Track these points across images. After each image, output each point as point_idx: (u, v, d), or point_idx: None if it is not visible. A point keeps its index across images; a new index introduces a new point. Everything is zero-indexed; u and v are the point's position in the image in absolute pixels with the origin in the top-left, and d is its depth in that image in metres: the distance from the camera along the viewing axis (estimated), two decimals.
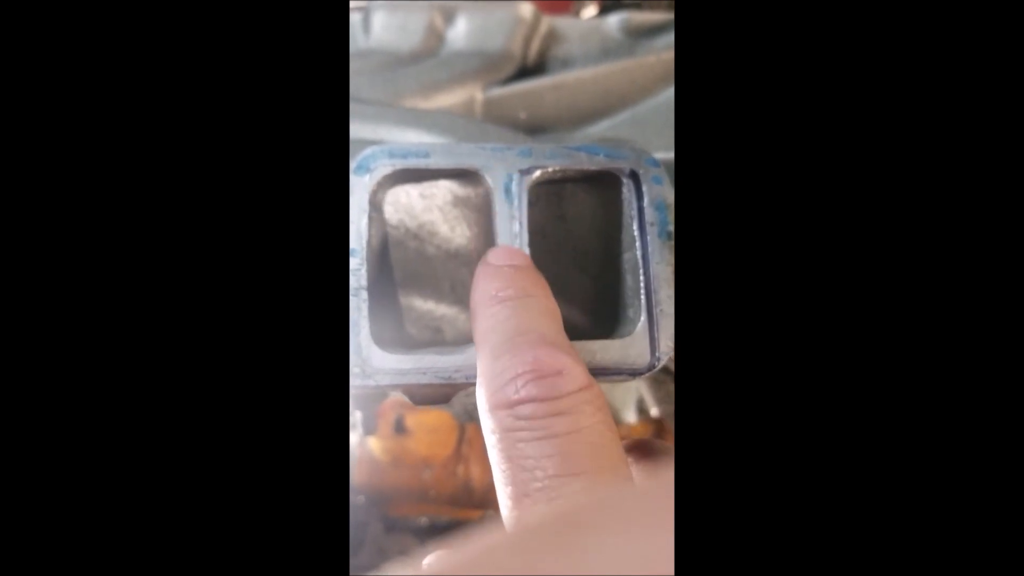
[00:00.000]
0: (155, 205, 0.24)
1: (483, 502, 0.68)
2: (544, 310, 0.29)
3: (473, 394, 0.28)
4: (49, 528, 0.22)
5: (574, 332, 0.33)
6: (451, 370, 0.30)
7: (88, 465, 0.23)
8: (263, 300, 0.25)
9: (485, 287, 0.29)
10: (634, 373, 0.31)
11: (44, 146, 0.24)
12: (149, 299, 0.24)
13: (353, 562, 0.70)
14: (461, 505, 0.69)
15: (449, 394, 0.32)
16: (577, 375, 0.25)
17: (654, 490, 0.19)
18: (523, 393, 0.25)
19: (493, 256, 0.31)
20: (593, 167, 0.33)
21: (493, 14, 0.60)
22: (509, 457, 0.25)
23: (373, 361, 0.30)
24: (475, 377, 0.29)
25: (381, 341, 0.30)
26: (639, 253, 0.32)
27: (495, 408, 0.25)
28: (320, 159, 0.26)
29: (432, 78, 0.53)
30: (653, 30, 0.68)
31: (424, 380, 0.30)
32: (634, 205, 0.32)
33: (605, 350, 0.31)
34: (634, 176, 0.33)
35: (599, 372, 0.31)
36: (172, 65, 0.25)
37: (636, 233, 0.32)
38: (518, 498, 0.24)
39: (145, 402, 0.23)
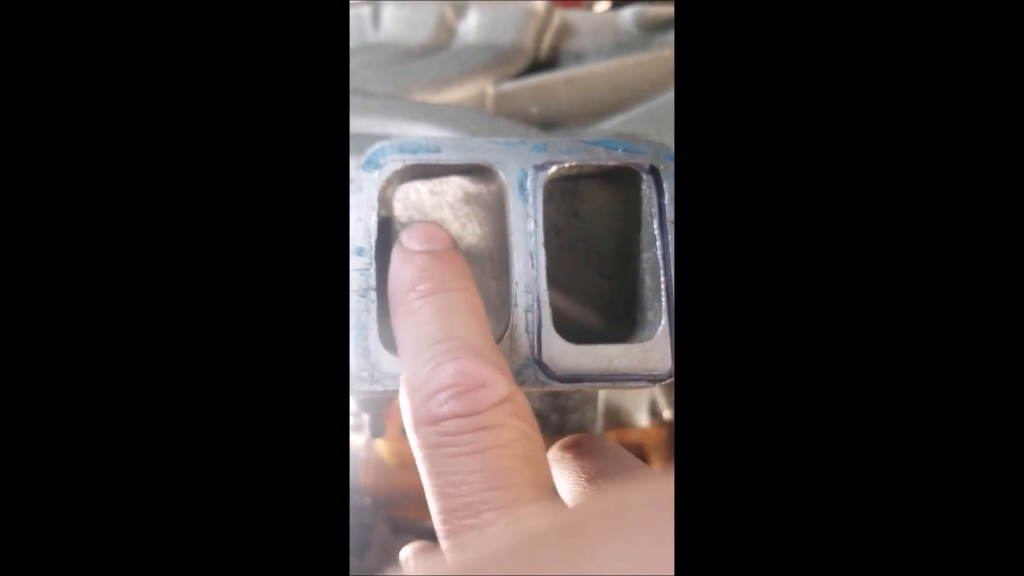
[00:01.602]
0: (155, 204, 0.24)
1: None
2: (467, 308, 0.27)
3: None
4: (51, 530, 0.22)
5: (588, 335, 0.31)
6: None
7: (90, 468, 0.22)
8: (261, 299, 0.24)
9: (402, 276, 0.28)
10: (654, 380, 0.30)
11: (44, 144, 0.23)
12: (149, 300, 0.23)
13: (359, 564, 0.69)
14: None
15: None
16: (500, 386, 0.25)
17: (654, 496, 0.19)
18: (446, 409, 0.24)
19: (410, 238, 0.30)
20: (611, 162, 0.31)
21: (505, 7, 0.58)
22: (437, 472, 0.24)
23: (382, 365, 0.29)
24: None
25: (389, 343, 0.29)
26: (659, 253, 0.31)
27: (419, 424, 0.25)
28: (319, 156, 0.25)
29: (443, 72, 0.52)
30: (667, 24, 0.66)
31: None
32: (654, 202, 0.31)
33: (624, 355, 0.30)
34: (654, 172, 0.31)
35: (617, 378, 0.30)
36: (170, 65, 0.24)
37: (656, 232, 0.31)
38: (447, 512, 0.24)
39: (144, 404, 0.23)
